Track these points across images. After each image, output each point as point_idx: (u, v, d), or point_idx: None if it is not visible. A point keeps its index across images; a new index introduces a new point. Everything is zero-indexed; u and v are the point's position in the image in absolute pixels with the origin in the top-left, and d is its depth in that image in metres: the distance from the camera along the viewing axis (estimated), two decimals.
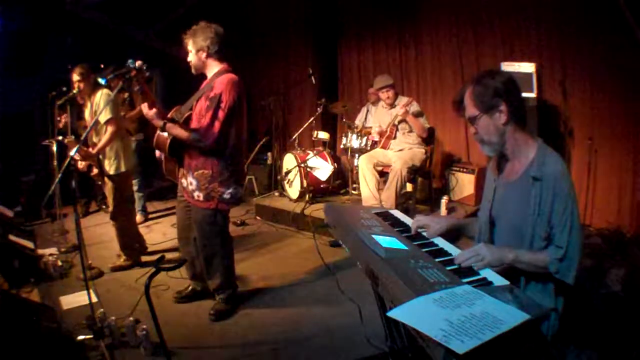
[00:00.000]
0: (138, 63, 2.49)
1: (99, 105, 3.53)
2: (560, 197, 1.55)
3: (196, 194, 2.86)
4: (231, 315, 3.05)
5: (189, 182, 2.88)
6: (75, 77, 3.60)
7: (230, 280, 3.12)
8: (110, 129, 3.53)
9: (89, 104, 3.69)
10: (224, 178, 2.82)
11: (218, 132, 2.68)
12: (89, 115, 3.67)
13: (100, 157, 3.63)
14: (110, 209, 3.72)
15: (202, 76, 2.94)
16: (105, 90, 3.60)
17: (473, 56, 5.04)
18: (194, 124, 2.79)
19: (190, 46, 2.78)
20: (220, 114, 2.67)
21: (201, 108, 2.76)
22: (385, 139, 4.65)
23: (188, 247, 3.12)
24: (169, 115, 2.79)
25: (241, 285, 3.54)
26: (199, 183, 2.83)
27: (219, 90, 2.69)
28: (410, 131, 4.53)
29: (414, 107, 4.52)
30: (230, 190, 2.85)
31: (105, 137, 3.53)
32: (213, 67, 2.82)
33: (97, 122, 3.52)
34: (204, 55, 2.78)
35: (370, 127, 5.01)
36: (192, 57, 2.80)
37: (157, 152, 3.06)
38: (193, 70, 2.86)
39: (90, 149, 3.55)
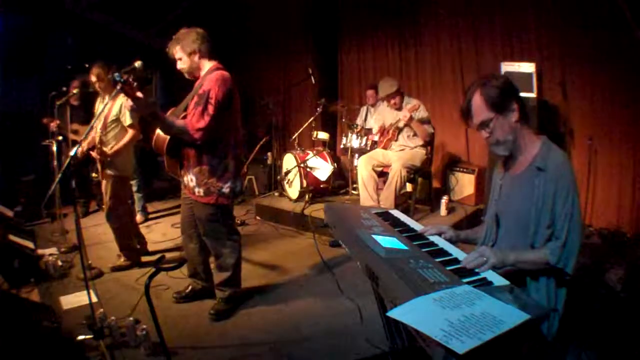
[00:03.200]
0: (125, 76, 2.44)
1: (123, 109, 3.59)
2: (562, 188, 1.59)
3: (197, 190, 2.87)
4: (231, 315, 3.05)
5: (189, 179, 2.90)
6: (93, 78, 3.64)
7: (236, 278, 3.12)
8: (131, 132, 3.63)
9: (103, 101, 3.69)
10: (220, 173, 2.84)
11: (206, 126, 2.68)
12: (104, 113, 3.65)
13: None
14: (105, 208, 3.72)
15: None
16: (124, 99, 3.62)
17: (473, 56, 5.04)
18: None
19: (180, 53, 2.78)
20: (210, 109, 2.67)
21: (192, 106, 2.77)
22: (386, 140, 4.64)
23: (191, 243, 3.13)
24: None
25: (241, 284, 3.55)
26: (197, 179, 2.85)
27: (208, 87, 2.70)
28: (415, 135, 4.50)
29: (421, 113, 4.39)
30: (228, 185, 2.87)
31: (124, 140, 3.62)
32: (205, 67, 2.83)
33: (116, 121, 3.62)
34: (197, 57, 2.79)
35: (370, 129, 5.00)
36: (184, 63, 2.80)
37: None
38: (187, 76, 2.86)
39: (104, 148, 3.59)
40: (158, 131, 2.86)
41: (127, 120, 3.61)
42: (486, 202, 4.23)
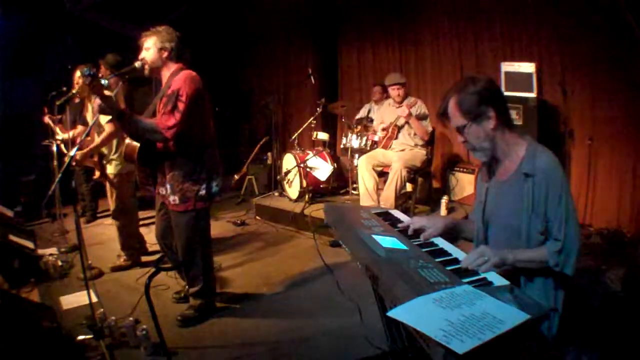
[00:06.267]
0: (93, 70, 2.41)
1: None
2: (553, 190, 1.56)
3: (172, 198, 2.78)
4: (199, 323, 2.96)
5: (164, 189, 2.83)
6: (78, 73, 3.61)
7: (208, 290, 3.03)
8: (108, 129, 3.50)
9: (89, 106, 3.69)
10: (195, 176, 2.76)
11: (177, 124, 2.60)
12: (90, 117, 3.67)
13: (104, 161, 3.64)
14: (112, 208, 3.72)
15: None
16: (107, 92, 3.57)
17: (473, 56, 5.04)
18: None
19: (151, 43, 2.71)
20: (180, 106, 2.60)
21: (161, 107, 2.70)
22: (386, 139, 4.64)
23: (172, 254, 3.08)
24: None
25: (241, 285, 3.55)
26: (172, 186, 2.77)
27: (177, 86, 2.64)
28: (415, 133, 4.51)
29: (419, 108, 4.45)
30: (204, 186, 2.79)
31: (102, 136, 3.50)
32: (170, 68, 2.77)
33: (98, 124, 3.51)
34: (165, 55, 2.73)
35: (372, 125, 5.00)
36: (150, 55, 2.71)
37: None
38: (148, 69, 2.75)
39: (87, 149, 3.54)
40: (128, 140, 2.78)
41: (104, 117, 3.45)
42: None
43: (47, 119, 4.27)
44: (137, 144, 2.74)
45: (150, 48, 2.72)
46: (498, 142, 1.67)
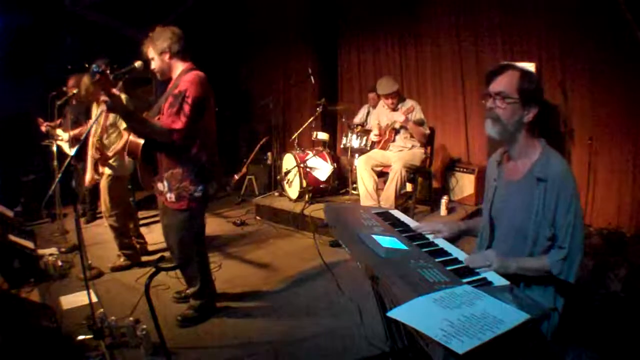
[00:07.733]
0: (103, 66, 2.41)
1: None
2: (564, 197, 1.56)
3: (168, 195, 2.78)
4: (199, 323, 2.96)
5: (162, 185, 2.82)
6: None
7: (205, 290, 3.02)
8: (127, 135, 3.49)
9: (94, 110, 3.69)
10: (193, 176, 2.75)
11: (183, 126, 2.60)
12: (102, 117, 3.66)
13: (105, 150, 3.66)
14: (103, 208, 3.72)
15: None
16: (124, 96, 3.56)
17: (473, 56, 5.04)
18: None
19: (152, 52, 2.72)
20: (186, 109, 2.59)
21: (167, 107, 2.69)
22: (384, 141, 4.64)
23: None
24: None
25: (241, 285, 3.55)
26: (170, 184, 2.76)
27: (183, 87, 2.63)
28: (412, 136, 4.51)
29: (416, 114, 4.42)
30: (200, 188, 2.77)
31: (121, 143, 3.56)
32: (178, 68, 2.76)
33: (114, 126, 3.60)
34: (167, 57, 2.72)
35: (370, 129, 5.00)
36: (155, 63, 2.73)
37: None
38: (159, 77, 2.79)
39: (106, 152, 3.59)
40: (131, 137, 2.78)
41: (123, 123, 3.53)
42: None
43: (44, 128, 4.27)
44: (141, 141, 2.74)
45: (153, 57, 2.74)
46: (519, 138, 1.67)
